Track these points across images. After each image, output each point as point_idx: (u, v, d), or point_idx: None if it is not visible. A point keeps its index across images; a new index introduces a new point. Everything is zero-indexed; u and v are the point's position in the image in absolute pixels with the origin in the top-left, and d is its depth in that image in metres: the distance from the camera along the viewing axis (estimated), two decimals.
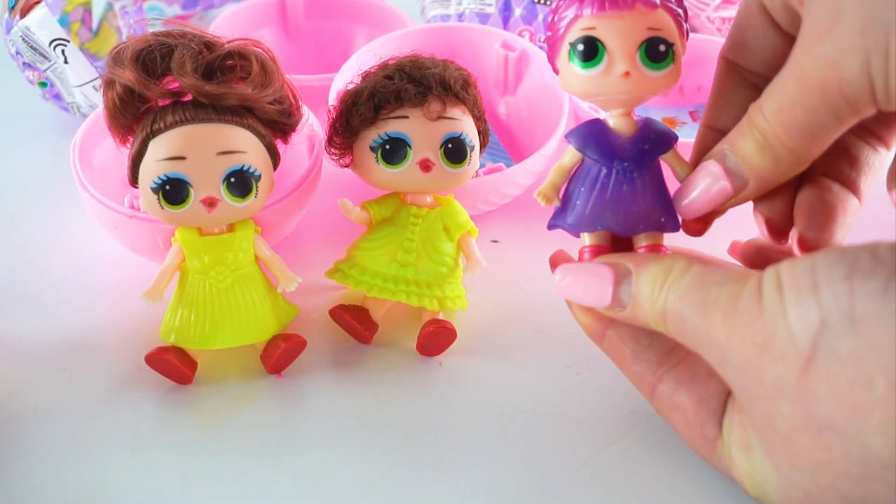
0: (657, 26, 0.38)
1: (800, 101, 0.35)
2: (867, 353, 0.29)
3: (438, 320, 0.44)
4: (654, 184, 0.39)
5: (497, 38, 0.55)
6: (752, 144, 0.37)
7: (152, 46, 0.41)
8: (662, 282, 0.35)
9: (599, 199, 0.39)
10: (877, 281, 0.30)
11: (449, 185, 0.45)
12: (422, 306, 0.44)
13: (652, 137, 0.39)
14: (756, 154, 0.37)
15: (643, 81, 0.38)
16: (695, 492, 0.38)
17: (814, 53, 0.34)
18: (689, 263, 0.35)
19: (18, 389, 0.43)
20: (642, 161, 0.39)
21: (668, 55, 0.38)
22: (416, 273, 0.44)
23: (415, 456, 0.40)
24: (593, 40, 0.38)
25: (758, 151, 0.36)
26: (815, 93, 0.34)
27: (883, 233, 0.49)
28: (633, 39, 0.38)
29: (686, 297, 0.34)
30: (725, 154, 0.37)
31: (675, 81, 0.40)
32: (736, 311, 0.33)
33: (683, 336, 0.35)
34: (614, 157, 0.39)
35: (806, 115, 0.35)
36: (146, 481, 0.39)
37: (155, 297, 0.42)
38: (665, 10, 0.39)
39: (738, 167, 0.37)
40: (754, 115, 0.36)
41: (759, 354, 0.32)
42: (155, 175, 0.41)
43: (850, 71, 0.33)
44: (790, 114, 0.35)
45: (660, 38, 0.38)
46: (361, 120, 0.43)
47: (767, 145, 0.36)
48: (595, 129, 0.40)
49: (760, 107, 0.36)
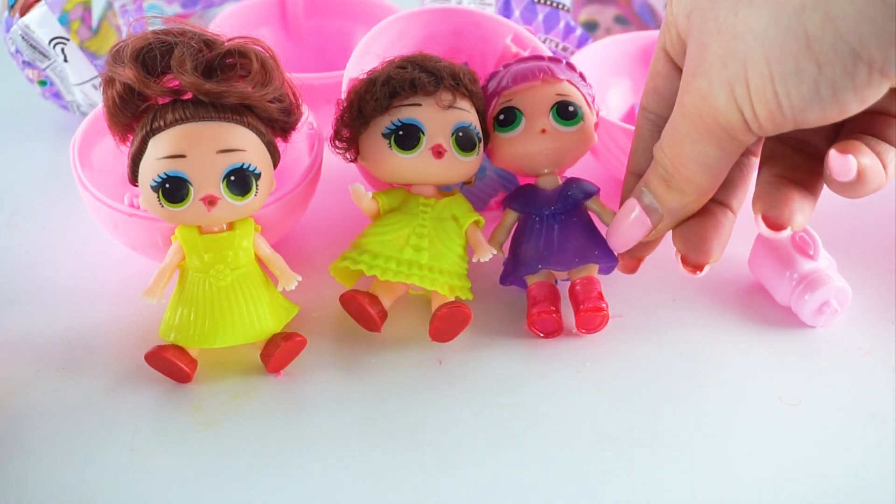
0: (564, 93, 0.46)
1: (686, 135, 0.38)
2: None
3: (452, 302, 0.44)
4: (582, 224, 0.46)
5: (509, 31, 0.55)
6: (659, 181, 0.41)
7: (152, 45, 0.41)
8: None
9: (536, 243, 0.46)
10: None
11: (458, 175, 0.45)
12: (434, 290, 0.44)
13: (574, 187, 0.47)
14: (663, 189, 0.41)
15: (559, 136, 0.46)
16: (695, 491, 0.38)
17: (690, 88, 0.37)
18: None
19: (18, 388, 0.43)
20: (566, 205, 0.46)
21: (577, 114, 0.46)
22: (430, 258, 0.44)
23: (415, 455, 0.40)
24: (511, 108, 0.46)
25: (664, 187, 0.40)
26: (696, 125, 0.37)
27: None
28: (544, 104, 0.46)
29: None
30: (642, 192, 0.42)
31: (589, 139, 0.47)
32: None
33: None
34: (543, 206, 0.46)
35: (693, 147, 0.38)
36: (146, 480, 0.39)
37: (155, 295, 0.42)
38: (570, 84, 0.47)
39: (653, 203, 0.41)
40: (657, 153, 0.40)
41: None
42: (155, 173, 0.41)
43: (719, 101, 0.35)
44: (681, 147, 0.38)
45: (568, 101, 0.46)
46: (376, 106, 0.44)
47: (670, 179, 0.40)
48: (524, 189, 0.48)
49: (660, 144, 0.40)
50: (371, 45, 0.51)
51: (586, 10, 0.69)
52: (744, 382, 0.43)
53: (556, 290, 0.46)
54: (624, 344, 0.45)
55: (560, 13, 0.61)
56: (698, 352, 0.45)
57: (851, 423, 0.41)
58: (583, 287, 0.45)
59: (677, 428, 0.41)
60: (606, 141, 0.52)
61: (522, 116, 0.46)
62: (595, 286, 0.45)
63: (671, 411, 0.42)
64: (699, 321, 0.47)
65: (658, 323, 0.47)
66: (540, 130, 0.46)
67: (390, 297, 0.46)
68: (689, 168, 0.39)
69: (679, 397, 0.43)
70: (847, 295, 0.46)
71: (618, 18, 0.69)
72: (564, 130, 0.46)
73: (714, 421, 0.41)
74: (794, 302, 0.46)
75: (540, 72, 0.47)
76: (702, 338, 0.46)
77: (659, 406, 0.42)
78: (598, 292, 0.45)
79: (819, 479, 0.39)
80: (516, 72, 0.48)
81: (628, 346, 0.45)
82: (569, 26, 0.61)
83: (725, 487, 0.38)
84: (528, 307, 0.46)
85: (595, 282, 0.45)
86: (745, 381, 0.43)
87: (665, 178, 0.40)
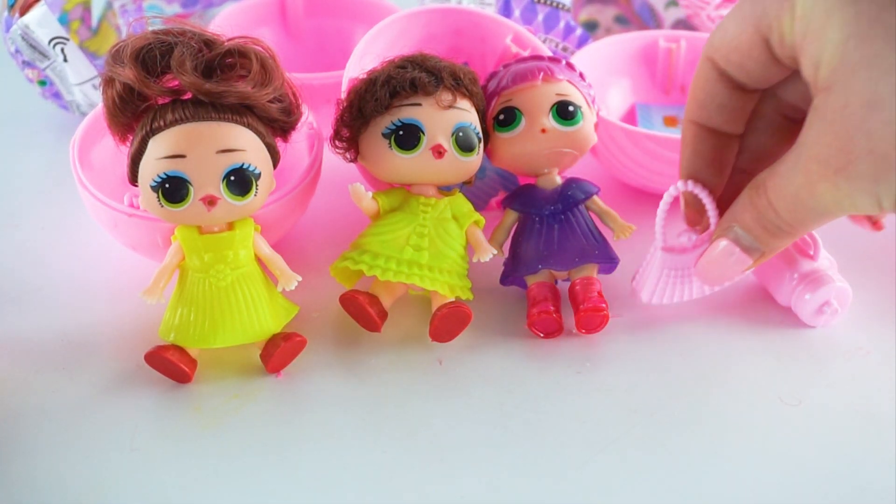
0: (564, 93, 0.46)
1: (813, 209, 0.36)
2: None
3: (452, 302, 0.44)
4: (582, 224, 0.46)
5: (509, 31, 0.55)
6: (762, 229, 0.39)
7: (152, 44, 0.41)
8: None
9: (536, 243, 0.46)
10: None
11: (457, 175, 0.45)
12: (434, 290, 0.44)
13: (573, 187, 0.47)
14: (768, 237, 0.39)
15: (559, 136, 0.46)
16: (695, 491, 0.38)
17: (829, 178, 0.35)
18: None
19: (18, 388, 0.43)
20: (566, 205, 0.46)
21: (577, 114, 0.46)
22: (430, 258, 0.44)
23: (415, 455, 0.40)
24: (511, 108, 0.46)
25: (769, 235, 0.39)
26: (829, 208, 0.36)
27: None
28: (544, 103, 0.46)
29: None
30: (739, 235, 0.40)
31: (589, 139, 0.47)
32: None
33: None
34: (543, 206, 0.46)
35: (818, 219, 0.37)
36: (146, 480, 0.39)
37: (154, 295, 0.42)
38: (570, 83, 0.47)
39: (753, 243, 0.40)
40: (761, 206, 0.38)
41: None
42: (154, 173, 0.40)
43: (861, 202, 0.34)
44: (803, 214, 0.37)
45: (568, 101, 0.46)
46: (376, 105, 0.44)
47: (780, 232, 0.38)
48: (524, 189, 0.48)
49: (770, 201, 0.38)
50: (371, 45, 0.51)
51: (586, 10, 0.69)
52: (744, 382, 0.43)
53: (556, 290, 0.46)
54: (624, 344, 0.45)
55: (560, 13, 0.61)
56: (698, 352, 0.45)
57: (851, 423, 0.41)
58: (583, 287, 0.45)
59: (677, 428, 0.41)
60: (606, 141, 0.52)
61: (522, 116, 0.46)
62: (595, 286, 0.45)
63: (671, 411, 0.42)
64: (699, 321, 0.47)
65: (658, 323, 0.47)
66: (540, 130, 0.46)
67: (390, 297, 0.46)
68: (809, 225, 0.38)
69: (679, 397, 0.43)
70: (847, 295, 0.46)
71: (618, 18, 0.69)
72: (564, 130, 0.46)
73: (714, 421, 0.41)
74: (795, 302, 0.46)
75: (540, 71, 0.47)
76: (702, 338, 0.46)
77: (659, 406, 0.42)
78: (597, 292, 0.45)
79: (819, 479, 0.39)
80: (516, 72, 0.48)
81: (628, 346, 0.45)
82: (569, 26, 0.61)
83: (725, 487, 0.38)
84: (528, 307, 0.46)
85: (595, 282, 0.45)
86: (745, 380, 0.43)
87: (773, 230, 0.39)
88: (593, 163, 0.55)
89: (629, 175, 0.53)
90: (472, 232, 0.46)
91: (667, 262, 0.43)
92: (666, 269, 0.43)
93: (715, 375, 0.44)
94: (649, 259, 0.44)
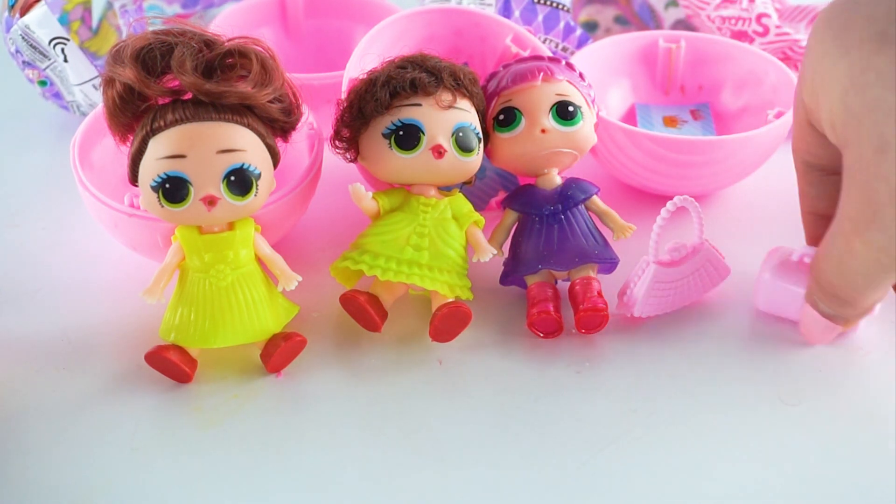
0: (564, 93, 0.47)
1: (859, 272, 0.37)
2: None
3: (452, 302, 0.44)
4: (582, 224, 0.46)
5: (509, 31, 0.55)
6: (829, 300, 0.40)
7: (152, 45, 0.41)
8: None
9: (536, 243, 0.46)
10: None
11: (457, 176, 0.46)
12: (434, 290, 0.44)
13: (574, 187, 0.47)
14: (838, 306, 0.40)
15: (559, 136, 0.46)
16: (695, 492, 0.38)
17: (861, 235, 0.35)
18: None
19: (18, 387, 0.43)
20: (566, 205, 0.46)
21: (577, 114, 0.46)
22: (430, 258, 0.44)
23: (415, 455, 0.40)
24: (511, 108, 0.46)
25: (837, 305, 0.40)
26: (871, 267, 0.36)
27: None
28: (544, 104, 0.46)
29: None
30: (816, 302, 0.41)
31: (589, 139, 0.47)
32: None
33: None
34: (542, 206, 0.46)
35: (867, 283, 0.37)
36: (146, 480, 0.39)
37: (155, 295, 0.42)
38: (570, 84, 0.47)
39: (828, 310, 0.41)
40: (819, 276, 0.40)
41: None
42: (155, 173, 0.41)
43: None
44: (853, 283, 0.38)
45: (568, 101, 0.46)
46: (376, 105, 0.44)
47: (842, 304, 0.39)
48: (524, 189, 0.48)
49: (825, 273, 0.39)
50: (371, 45, 0.51)
51: (586, 10, 0.69)
52: (744, 382, 0.43)
53: (556, 290, 0.46)
54: (624, 344, 0.45)
55: (560, 13, 0.61)
56: (698, 352, 0.45)
57: (851, 423, 0.41)
58: (582, 287, 0.45)
59: (677, 428, 0.41)
60: (606, 141, 0.52)
61: (522, 116, 0.46)
62: (595, 286, 0.45)
63: (671, 411, 0.42)
64: (699, 321, 0.47)
65: (658, 323, 0.47)
66: (540, 130, 0.46)
67: (390, 297, 0.46)
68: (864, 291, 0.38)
69: (679, 397, 0.43)
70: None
71: (618, 18, 0.69)
72: (564, 130, 0.46)
73: (714, 421, 0.41)
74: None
75: (539, 72, 0.47)
76: (702, 338, 0.46)
77: (659, 406, 0.42)
78: (597, 292, 0.45)
79: (819, 479, 0.39)
80: (516, 72, 0.48)
81: (628, 346, 0.45)
82: (569, 26, 0.61)
83: (725, 487, 0.38)
84: (528, 307, 0.46)
85: (595, 282, 0.45)
86: (745, 380, 0.43)
87: (836, 302, 0.40)
88: (593, 163, 0.55)
89: (629, 175, 0.53)
90: (472, 232, 0.46)
91: (658, 275, 0.44)
92: (657, 283, 0.44)
93: (715, 375, 0.44)
94: (640, 273, 0.45)
